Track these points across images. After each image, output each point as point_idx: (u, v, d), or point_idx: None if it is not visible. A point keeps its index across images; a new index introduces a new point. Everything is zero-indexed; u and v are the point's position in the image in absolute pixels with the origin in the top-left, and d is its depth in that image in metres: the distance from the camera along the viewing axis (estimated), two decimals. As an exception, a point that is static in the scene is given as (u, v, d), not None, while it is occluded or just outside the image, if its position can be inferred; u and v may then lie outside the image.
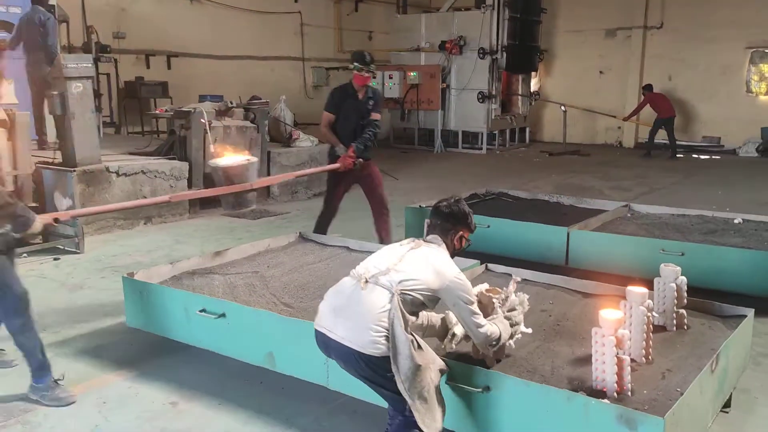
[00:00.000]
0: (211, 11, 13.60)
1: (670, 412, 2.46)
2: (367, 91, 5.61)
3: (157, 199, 3.99)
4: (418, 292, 2.65)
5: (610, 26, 16.00)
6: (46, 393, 3.43)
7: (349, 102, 5.55)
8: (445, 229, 2.90)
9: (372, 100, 5.63)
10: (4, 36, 8.66)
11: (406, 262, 2.72)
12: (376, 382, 2.65)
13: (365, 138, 5.52)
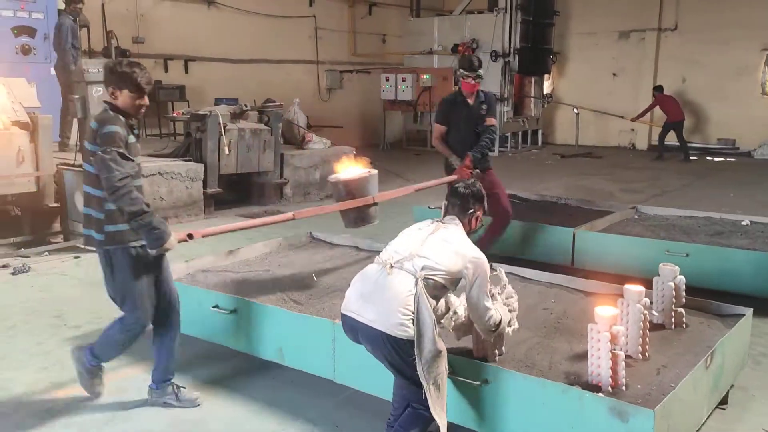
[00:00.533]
0: (227, 16, 13.82)
1: (660, 406, 2.55)
2: (478, 96, 5.33)
3: (282, 216, 3.95)
4: (441, 276, 2.76)
5: (623, 28, 16.01)
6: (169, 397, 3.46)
7: (460, 111, 5.31)
8: (464, 209, 3.02)
9: (484, 105, 5.33)
10: (27, 41, 8.94)
11: (428, 246, 2.83)
12: (397, 366, 2.75)
13: (482, 146, 5.23)
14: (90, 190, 3.20)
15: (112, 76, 3.14)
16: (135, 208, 3.01)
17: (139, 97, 3.16)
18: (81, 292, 5.29)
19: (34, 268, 5.88)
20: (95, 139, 3.07)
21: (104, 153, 2.99)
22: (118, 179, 2.96)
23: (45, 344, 4.26)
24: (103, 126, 3.06)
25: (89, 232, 3.25)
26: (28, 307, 4.94)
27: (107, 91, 3.17)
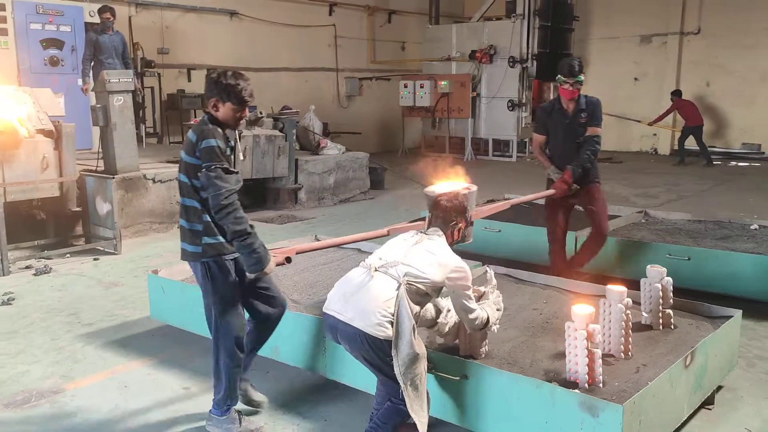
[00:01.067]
0: (249, 26, 14.13)
1: (630, 401, 2.62)
2: (579, 103, 4.88)
3: (376, 232, 3.99)
4: (423, 284, 2.84)
5: (645, 32, 15.91)
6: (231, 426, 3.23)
7: (557, 119, 4.95)
8: (447, 221, 3.08)
9: (584, 113, 4.87)
10: (55, 53, 9.29)
11: (412, 256, 2.91)
12: (375, 365, 2.84)
13: (582, 160, 4.83)
14: (186, 201, 3.12)
15: (217, 88, 3.07)
16: (240, 228, 2.96)
17: (241, 109, 3.11)
18: (97, 292, 5.51)
19: (55, 269, 6.14)
20: (194, 152, 3.02)
21: (209, 171, 2.93)
22: (225, 197, 2.92)
23: (59, 340, 4.47)
24: (203, 140, 2.99)
25: (185, 246, 3.17)
26: (46, 305, 5.17)
27: (208, 103, 3.11)
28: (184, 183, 3.10)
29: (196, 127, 3.10)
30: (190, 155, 3.05)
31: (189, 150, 3.06)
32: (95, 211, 6.98)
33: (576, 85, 4.74)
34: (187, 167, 3.08)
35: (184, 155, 3.10)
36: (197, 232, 3.10)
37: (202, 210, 3.07)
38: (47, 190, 6.74)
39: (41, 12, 8.95)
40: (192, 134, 3.08)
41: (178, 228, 7.70)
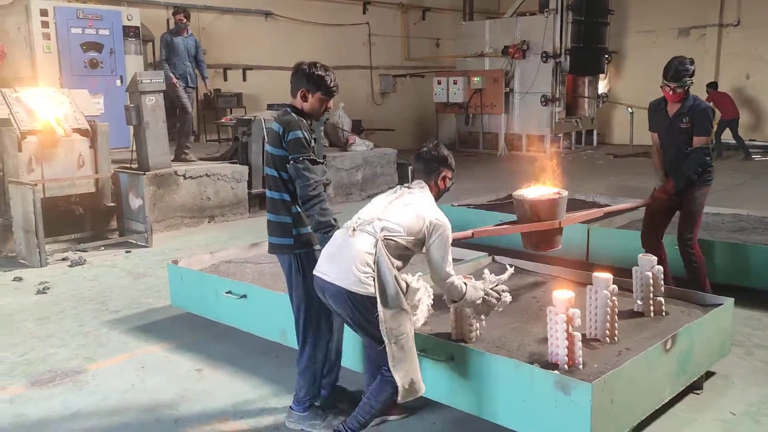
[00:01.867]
0: (283, 26, 14.45)
1: (600, 380, 2.71)
2: (683, 106, 4.45)
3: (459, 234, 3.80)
4: (401, 237, 2.84)
5: (683, 25, 15.60)
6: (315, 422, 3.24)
7: (660, 118, 4.63)
8: (428, 172, 3.05)
9: (686, 118, 4.42)
10: (95, 55, 9.75)
11: (390, 210, 2.91)
12: (361, 324, 2.87)
13: (688, 171, 4.42)
14: (274, 194, 3.14)
15: (307, 78, 3.10)
16: (325, 219, 3.01)
17: (328, 100, 3.16)
18: (126, 282, 5.83)
19: (89, 261, 6.50)
20: (281, 144, 3.04)
21: (296, 162, 2.98)
22: (312, 188, 2.98)
23: (86, 326, 4.78)
24: (290, 131, 3.03)
25: (273, 239, 3.19)
26: (78, 294, 5.50)
27: (297, 94, 3.13)
28: (272, 176, 3.12)
29: (281, 119, 3.11)
30: (277, 147, 3.07)
31: (275, 142, 3.08)
32: (128, 206, 7.34)
33: (678, 90, 4.38)
34: (274, 160, 3.09)
35: (271, 148, 3.11)
36: (287, 224, 3.11)
37: (291, 202, 3.10)
38: (83, 186, 7.13)
39: (81, 17, 9.40)
40: (278, 126, 3.09)
41: (208, 223, 8.09)
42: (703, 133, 4.42)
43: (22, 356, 4.25)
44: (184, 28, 8.62)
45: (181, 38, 8.57)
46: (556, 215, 3.90)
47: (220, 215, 8.38)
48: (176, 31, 8.62)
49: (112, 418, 3.45)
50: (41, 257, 6.29)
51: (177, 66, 8.47)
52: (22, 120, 6.70)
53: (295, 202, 3.10)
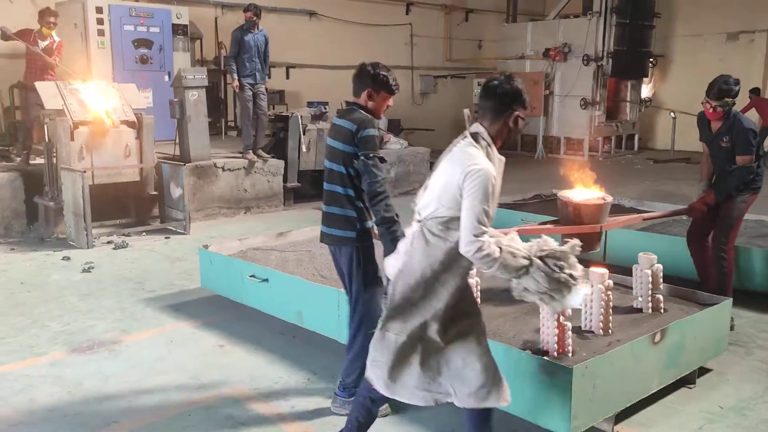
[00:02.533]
0: (327, 26, 14.81)
1: (581, 365, 2.89)
2: (723, 125, 4.40)
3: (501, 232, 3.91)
4: (443, 209, 2.50)
5: (732, 29, 15.31)
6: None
7: (705, 131, 4.60)
8: (498, 111, 2.58)
9: (726, 137, 4.38)
10: (145, 52, 10.26)
11: (429, 185, 2.62)
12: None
13: (730, 187, 4.41)
14: (338, 188, 3.18)
15: (372, 79, 3.18)
16: (389, 215, 3.07)
17: (390, 98, 3.26)
18: (163, 266, 6.22)
19: (131, 245, 6.93)
20: (352, 140, 3.10)
21: (367, 158, 3.05)
22: (380, 185, 3.05)
23: (124, 302, 5.16)
24: (363, 129, 3.09)
25: (334, 231, 3.23)
26: (119, 274, 5.91)
27: (362, 93, 3.21)
28: (338, 172, 3.16)
29: (353, 116, 3.15)
30: (348, 144, 3.11)
31: (346, 139, 3.12)
32: (169, 195, 7.76)
33: (718, 108, 4.34)
34: (343, 156, 3.14)
35: (340, 144, 3.15)
36: (351, 218, 3.18)
37: (356, 197, 3.18)
38: (129, 174, 7.58)
39: (134, 14, 9.92)
40: (350, 124, 3.12)
41: (244, 214, 8.44)
42: (745, 153, 4.38)
43: (65, 326, 4.65)
44: (254, 25, 8.60)
45: (252, 35, 8.54)
46: (599, 219, 3.88)
47: (255, 207, 8.74)
48: (247, 27, 8.57)
49: (140, 383, 3.78)
50: (88, 239, 6.74)
51: (247, 63, 8.44)
52: (75, 111, 7.18)
53: (359, 197, 3.19)
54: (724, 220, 4.56)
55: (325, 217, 3.32)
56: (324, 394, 3.62)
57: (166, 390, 3.69)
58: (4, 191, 7.26)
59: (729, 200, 4.50)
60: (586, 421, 2.96)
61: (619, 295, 4.03)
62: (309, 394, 3.64)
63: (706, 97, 4.39)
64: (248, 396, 3.62)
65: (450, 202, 2.50)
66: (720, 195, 4.48)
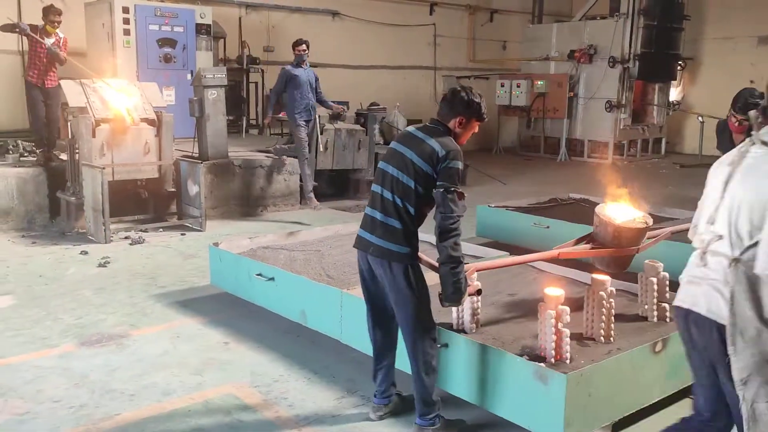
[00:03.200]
0: (350, 26, 14.86)
1: (576, 373, 2.86)
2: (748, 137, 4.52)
3: (545, 254, 3.93)
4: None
5: (764, 33, 14.95)
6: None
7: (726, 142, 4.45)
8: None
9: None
10: (169, 51, 10.41)
11: (729, 208, 2.20)
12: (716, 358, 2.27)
13: None
14: (399, 201, 3.04)
15: (465, 106, 3.08)
16: (456, 254, 2.96)
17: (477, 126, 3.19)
18: (177, 262, 6.31)
19: (148, 240, 7.04)
20: (434, 163, 2.97)
21: (447, 192, 2.93)
22: (454, 221, 2.94)
23: (135, 297, 5.26)
24: (452, 159, 2.97)
25: (384, 244, 3.06)
26: (133, 269, 6.01)
27: (452, 120, 3.08)
28: (406, 185, 3.02)
29: (444, 141, 3.02)
30: (428, 163, 2.99)
31: (427, 158, 2.99)
32: (186, 192, 7.86)
33: (744, 122, 4.21)
34: (416, 172, 3.00)
35: (417, 158, 3.01)
36: (408, 232, 3.04)
37: (416, 216, 3.06)
38: (148, 171, 7.71)
39: (158, 14, 10.08)
40: (437, 145, 2.99)
41: (260, 212, 8.49)
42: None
43: (77, 320, 4.75)
44: (305, 60, 8.30)
45: (303, 70, 8.23)
46: (638, 243, 3.72)
47: (272, 205, 8.81)
48: (297, 63, 8.24)
49: (144, 376, 3.85)
50: (106, 234, 6.87)
51: (299, 99, 8.19)
52: (97, 109, 7.32)
53: (419, 219, 3.09)
54: None
55: (371, 223, 3.13)
56: (322, 395, 3.64)
57: (168, 384, 3.75)
58: (28, 186, 7.45)
59: None
60: (580, 429, 2.93)
61: (626, 303, 4.00)
62: (307, 394, 3.66)
63: (731, 110, 4.33)
64: (247, 393, 3.65)
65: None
66: None
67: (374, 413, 3.40)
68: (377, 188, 3.15)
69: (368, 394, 3.56)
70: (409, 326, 3.12)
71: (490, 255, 5.09)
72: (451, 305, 3.16)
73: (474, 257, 5.14)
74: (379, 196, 3.11)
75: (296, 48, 8.29)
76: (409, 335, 3.13)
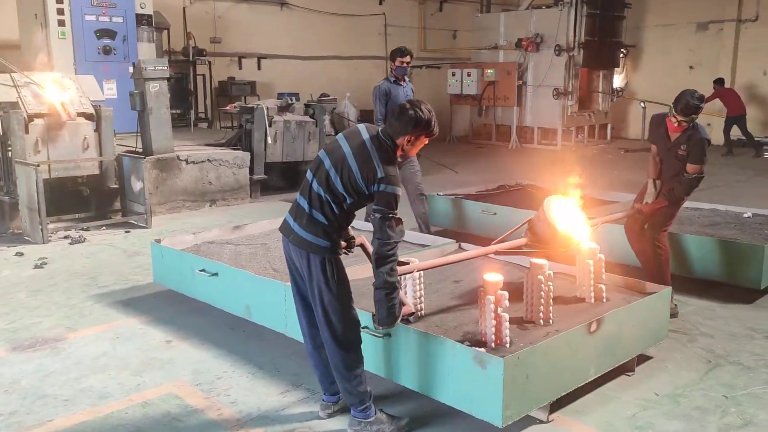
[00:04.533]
0: (299, 16, 14.68)
1: (513, 356, 2.89)
2: (682, 135, 4.42)
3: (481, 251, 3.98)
4: None
5: (701, 20, 15.41)
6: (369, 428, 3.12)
7: (660, 138, 4.63)
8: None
9: (684, 146, 4.43)
10: (108, 42, 10.06)
11: None
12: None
13: (678, 195, 4.53)
14: (325, 196, 2.98)
15: (415, 126, 2.95)
16: (392, 280, 2.96)
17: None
18: (119, 260, 6.14)
19: (89, 239, 6.83)
20: (371, 183, 2.90)
21: (384, 218, 2.88)
22: (391, 248, 2.90)
23: (73, 299, 5.08)
24: (390, 184, 2.89)
25: (306, 235, 3.01)
26: (72, 270, 5.82)
27: (401, 138, 2.96)
28: (336, 188, 2.95)
29: (385, 163, 2.90)
30: (364, 179, 2.90)
31: (365, 174, 2.90)
32: (130, 189, 7.66)
33: (683, 123, 4.37)
34: (350, 180, 2.92)
35: (355, 168, 2.91)
36: (327, 227, 2.98)
37: (338, 213, 2.99)
38: (88, 168, 7.47)
39: (95, 4, 9.76)
40: (380, 167, 2.89)
41: (209, 207, 8.33)
42: (696, 162, 4.46)
43: (9, 324, 4.57)
44: (406, 73, 6.63)
45: (401, 87, 6.45)
46: (569, 246, 3.78)
47: (221, 199, 8.66)
48: (396, 78, 6.48)
49: (80, 379, 3.72)
50: (43, 234, 6.63)
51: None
52: (29, 103, 7.04)
53: (346, 216, 3.03)
54: (662, 218, 4.67)
55: (296, 210, 3.09)
56: (266, 390, 3.59)
57: (105, 387, 3.63)
58: (-41, 186, 7.13)
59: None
60: (519, 410, 2.97)
61: (566, 285, 4.05)
62: (251, 389, 3.61)
63: (672, 110, 4.40)
64: (188, 392, 3.58)
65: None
66: (671, 202, 4.60)
67: (323, 411, 3.34)
68: (309, 176, 3.08)
69: (313, 387, 3.53)
70: (326, 320, 3.06)
71: (438, 243, 5.10)
72: (385, 328, 3.14)
73: (422, 245, 5.15)
74: (309, 186, 3.06)
75: (397, 59, 6.42)
76: (326, 329, 3.08)
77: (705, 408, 3.33)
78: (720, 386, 3.56)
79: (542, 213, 3.74)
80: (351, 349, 3.09)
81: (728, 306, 4.75)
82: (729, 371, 3.75)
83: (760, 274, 4.76)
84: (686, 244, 5.10)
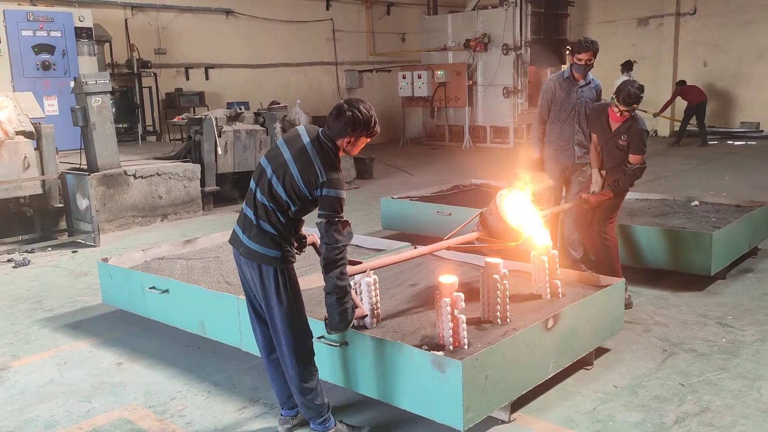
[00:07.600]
0: (245, 24, 14.49)
1: (471, 358, 2.86)
2: (622, 125, 4.53)
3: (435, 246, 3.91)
4: None
5: (642, 15, 15.85)
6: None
7: (601, 129, 4.69)
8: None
9: (624, 136, 4.53)
10: (47, 57, 9.73)
11: None
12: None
13: (624, 185, 4.62)
14: (270, 205, 2.89)
15: (353, 127, 2.85)
16: (342, 284, 2.90)
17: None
18: (66, 282, 5.91)
19: (34, 262, 6.56)
20: (314, 188, 2.82)
21: (330, 223, 2.82)
22: (339, 252, 2.85)
23: (18, 324, 4.87)
24: (332, 188, 2.81)
25: (256, 247, 2.91)
26: (16, 294, 5.58)
27: (341, 140, 2.87)
28: (279, 193, 2.87)
29: (327, 167, 2.82)
30: (306, 185, 2.83)
31: (307, 179, 2.82)
32: (76, 207, 7.40)
33: (625, 113, 4.45)
34: (293, 188, 2.85)
35: (297, 174, 2.84)
36: (276, 237, 2.90)
37: (287, 222, 2.92)
38: (30, 188, 7.19)
39: (31, 19, 9.43)
40: (321, 171, 2.81)
41: (160, 221, 8.14)
42: (638, 152, 4.55)
43: (-51, 355, 4.34)
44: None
45: (579, 87, 5.36)
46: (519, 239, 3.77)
47: (173, 213, 8.45)
48: (576, 75, 5.39)
49: (25, 409, 3.55)
50: (-16, 259, 6.35)
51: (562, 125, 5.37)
52: (-37, 124, 6.73)
53: (294, 223, 2.96)
54: (607, 210, 4.74)
55: (243, 221, 2.98)
56: (222, 407, 3.49)
57: (52, 416, 3.47)
58: None
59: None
60: (480, 412, 2.95)
61: (522, 283, 4.06)
62: (207, 408, 3.50)
63: (614, 100, 4.47)
64: (141, 415, 3.44)
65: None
66: (616, 193, 4.67)
67: (282, 426, 3.25)
68: (253, 185, 2.98)
69: (271, 401, 3.45)
70: (280, 332, 2.98)
71: (394, 247, 5.06)
72: (337, 333, 3.10)
73: (377, 250, 5.11)
74: (253, 196, 2.96)
75: (579, 54, 5.34)
76: (280, 341, 3.00)
77: (663, 397, 3.38)
78: (676, 374, 3.61)
79: (494, 207, 3.76)
80: (305, 362, 3.02)
81: (680, 294, 4.85)
82: (684, 359, 3.81)
83: (709, 261, 4.88)
84: (637, 235, 5.19)
